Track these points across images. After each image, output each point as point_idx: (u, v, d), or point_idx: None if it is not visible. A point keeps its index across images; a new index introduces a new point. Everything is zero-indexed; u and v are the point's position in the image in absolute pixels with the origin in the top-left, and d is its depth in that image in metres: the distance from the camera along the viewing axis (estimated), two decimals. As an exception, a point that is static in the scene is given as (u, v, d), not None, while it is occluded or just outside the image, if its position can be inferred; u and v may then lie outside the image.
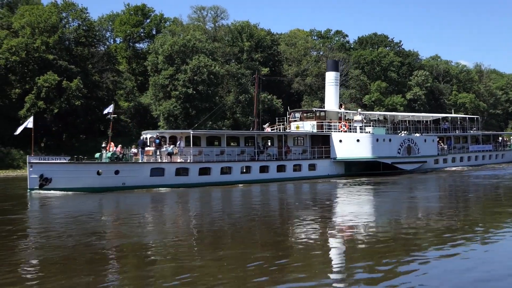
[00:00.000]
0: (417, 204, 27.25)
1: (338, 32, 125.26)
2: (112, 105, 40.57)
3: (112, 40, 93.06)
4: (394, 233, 17.84)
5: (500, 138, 70.39)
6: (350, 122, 48.48)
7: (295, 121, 51.28)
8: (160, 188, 36.53)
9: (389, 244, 15.68)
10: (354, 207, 26.75)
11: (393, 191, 33.86)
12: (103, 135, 65.18)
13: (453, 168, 55.03)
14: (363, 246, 15.85)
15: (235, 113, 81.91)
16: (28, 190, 33.35)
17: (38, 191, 33.14)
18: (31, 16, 67.30)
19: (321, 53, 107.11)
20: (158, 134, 40.41)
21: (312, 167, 45.59)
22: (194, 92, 72.38)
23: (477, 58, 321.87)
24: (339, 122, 48.42)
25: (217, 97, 75.85)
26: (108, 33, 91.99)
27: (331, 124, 48.37)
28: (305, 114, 51.70)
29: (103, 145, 38.62)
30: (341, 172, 47.18)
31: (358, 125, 47.39)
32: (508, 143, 71.31)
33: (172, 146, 39.54)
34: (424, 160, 51.94)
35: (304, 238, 17.43)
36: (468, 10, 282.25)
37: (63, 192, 33.45)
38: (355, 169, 48.01)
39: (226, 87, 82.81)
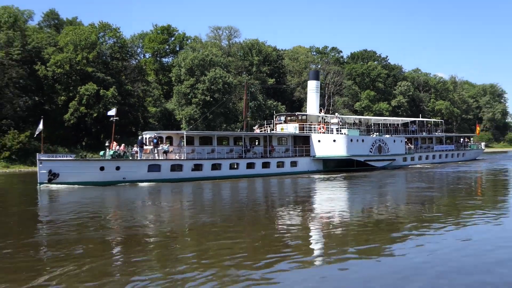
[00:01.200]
0: (385, 196, 26.66)
1: (333, 49, 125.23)
2: (114, 109, 39.58)
3: (142, 55, 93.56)
4: (365, 219, 17.70)
5: (461, 139, 69.01)
6: (328, 125, 47.70)
7: (280, 123, 49.98)
8: (157, 182, 35.04)
9: (361, 229, 15.55)
10: (330, 198, 26.25)
11: (365, 185, 32.66)
12: (134, 135, 65.65)
13: (419, 165, 54.07)
14: (338, 230, 15.68)
15: (246, 117, 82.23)
16: (38, 184, 32.17)
17: (46, 185, 31.96)
18: (74, 35, 67.70)
19: (319, 66, 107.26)
20: (155, 134, 39.19)
21: (293, 164, 44.33)
22: (211, 99, 72.81)
23: (452, 71, 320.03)
24: (319, 125, 47.60)
25: (230, 104, 76.15)
26: (138, 49, 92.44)
27: (311, 126, 47.35)
28: (288, 118, 50.45)
29: (107, 144, 37.33)
30: (319, 168, 46.02)
31: (334, 127, 46.50)
32: (469, 143, 70.22)
33: (167, 145, 38.50)
34: (393, 158, 50.83)
35: (288, 223, 17.18)
36: (446, 29, 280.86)
37: (69, 185, 32.27)
38: (331, 166, 46.73)
39: (238, 95, 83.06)
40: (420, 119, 65.33)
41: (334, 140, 45.20)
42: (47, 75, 65.55)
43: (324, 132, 46.24)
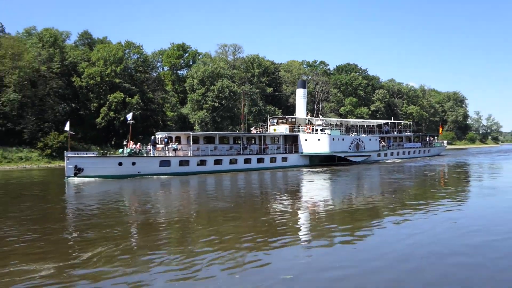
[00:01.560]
0: (363, 185, 26.56)
1: (322, 62, 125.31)
2: (131, 114, 39.53)
3: (161, 68, 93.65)
4: (345, 206, 17.54)
5: (427, 138, 68.68)
6: (313, 126, 47.33)
7: (273, 125, 49.35)
8: (168, 175, 34.60)
9: (342, 214, 15.48)
10: (317, 187, 26.09)
11: (345, 177, 32.29)
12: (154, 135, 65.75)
13: (391, 160, 53.49)
14: (323, 215, 15.51)
15: (248, 120, 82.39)
16: (66, 177, 31.76)
17: (72, 178, 31.52)
18: (104, 52, 67.92)
19: (310, 77, 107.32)
20: (166, 134, 38.82)
21: (284, 159, 43.62)
22: (219, 105, 72.97)
23: (422, 81, 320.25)
24: (305, 126, 47.38)
25: (235, 109, 76.25)
26: (158, 63, 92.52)
27: (299, 127, 47.07)
28: (280, 120, 49.69)
29: (124, 143, 36.94)
30: (306, 163, 45.46)
31: (318, 128, 46.18)
32: (434, 141, 69.80)
33: (176, 143, 37.98)
34: (369, 154, 50.31)
35: (282, 209, 16.97)
36: (417, 45, 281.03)
37: (92, 178, 31.83)
38: (317, 161, 46.11)
39: (242, 101, 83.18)
40: (392, 121, 64.74)
41: (319, 139, 44.84)
42: (81, 85, 65.75)
43: (310, 132, 45.87)
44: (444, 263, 9.27)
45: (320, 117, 54.67)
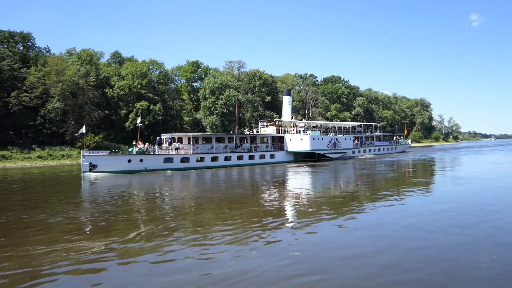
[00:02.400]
0: (339, 179, 24.83)
1: (311, 75, 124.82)
2: (140, 118, 38.51)
3: (179, 81, 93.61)
4: (325, 197, 16.47)
5: (394, 137, 67.25)
6: (296, 128, 46.24)
7: (263, 127, 48.13)
8: (170, 171, 33.24)
9: (323, 204, 14.29)
10: (299, 180, 24.71)
11: (324, 171, 30.78)
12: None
13: (364, 156, 52.43)
14: (305, 205, 14.53)
15: (251, 123, 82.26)
16: (82, 173, 30.72)
17: (88, 173, 30.52)
18: (132, 68, 67.77)
19: (301, 87, 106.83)
20: (170, 136, 37.57)
21: (272, 156, 42.41)
22: (227, 111, 72.80)
23: (394, 89, 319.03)
24: (290, 128, 46.31)
25: (240, 114, 76.06)
26: (176, 77, 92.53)
27: (285, 128, 46.13)
28: (269, 123, 48.47)
29: (133, 143, 35.68)
30: (291, 159, 44.30)
31: (301, 129, 45.32)
32: (400, 140, 68.36)
33: (178, 143, 36.68)
34: (344, 152, 48.97)
35: (273, 198, 16.40)
36: (390, 59, 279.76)
37: (105, 174, 30.66)
38: (300, 157, 44.97)
39: (246, 108, 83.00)
40: (364, 123, 63.56)
41: (301, 139, 43.79)
42: (113, 95, 65.68)
43: (294, 133, 44.83)
44: (436, 237, 9.18)
45: (303, 120, 53.48)
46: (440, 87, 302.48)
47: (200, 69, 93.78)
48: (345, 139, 49.88)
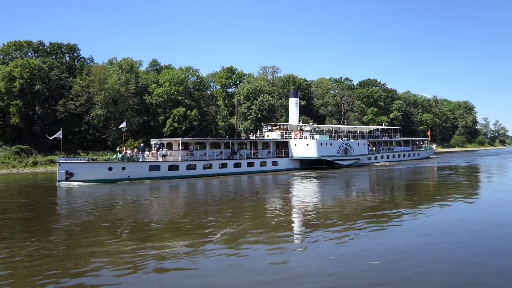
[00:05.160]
0: (350, 188, 22.28)
1: (347, 78, 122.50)
2: (125, 122, 34.91)
3: (214, 87, 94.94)
4: (333, 207, 15.01)
5: (417, 142, 61.36)
6: (302, 132, 41.97)
7: (267, 131, 44.21)
8: (158, 179, 30.04)
9: (330, 215, 13.25)
10: (305, 187, 22.98)
11: (333, 180, 27.88)
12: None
13: (381, 163, 47.29)
14: (312, 215, 13.38)
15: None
16: (58, 182, 27.93)
17: (64, 182, 27.62)
18: (169, 75, 69.20)
19: (336, 91, 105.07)
20: (158, 141, 34.54)
21: (274, 163, 38.65)
22: (261, 116, 72.80)
23: (434, 91, 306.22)
24: (295, 132, 42.22)
25: (274, 119, 75.78)
26: (211, 83, 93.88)
27: (290, 133, 42.16)
28: (273, 127, 44.25)
29: (118, 149, 33.16)
30: (297, 167, 40.35)
31: (307, 133, 41.24)
32: (423, 145, 62.91)
33: (165, 149, 33.04)
34: (357, 158, 44.27)
35: (276, 206, 15.19)
36: (429, 61, 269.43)
37: (82, 183, 27.61)
38: (306, 164, 40.91)
39: (280, 112, 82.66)
40: (382, 126, 59.05)
41: (307, 144, 39.89)
42: (152, 102, 67.48)
43: (299, 138, 41.16)
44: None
45: (310, 123, 50.02)
46: (485, 89, 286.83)
47: (234, 75, 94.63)
48: (358, 144, 45.37)
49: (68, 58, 70.93)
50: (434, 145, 71.40)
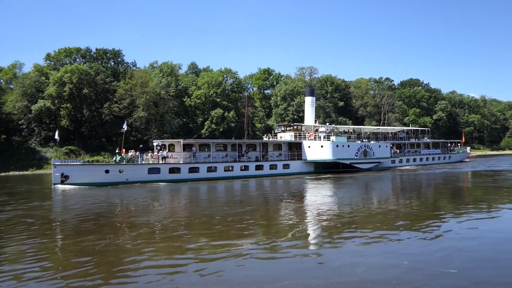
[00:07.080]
0: (368, 194, 20.66)
1: (387, 79, 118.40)
2: (125, 123, 33.77)
3: (251, 88, 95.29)
4: (350, 214, 13.83)
5: (448, 144, 56.60)
6: (317, 133, 39.24)
7: (280, 132, 41.91)
8: (157, 183, 28.80)
9: (345, 222, 12.37)
10: (319, 192, 21.77)
11: (349, 184, 26.00)
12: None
13: (407, 167, 43.60)
14: (327, 223, 12.46)
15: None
16: (53, 184, 26.95)
17: (59, 185, 26.70)
18: (208, 78, 70.24)
19: (376, 92, 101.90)
20: (160, 142, 33.09)
21: (286, 166, 36.17)
22: (298, 117, 72.02)
23: (483, 91, 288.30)
24: (309, 133, 39.44)
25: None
26: (249, 84, 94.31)
27: (304, 134, 39.47)
28: (287, 128, 41.82)
29: (117, 151, 32.18)
30: (311, 170, 37.80)
31: (322, 135, 38.46)
32: (455, 148, 57.78)
33: (166, 151, 31.66)
34: (378, 161, 41.18)
35: (286, 216, 13.98)
36: (475, 59, 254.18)
37: (78, 186, 26.82)
38: (320, 168, 38.29)
39: (317, 114, 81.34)
40: (409, 128, 55.11)
41: (322, 146, 37.37)
42: (191, 104, 68.75)
43: (313, 139, 38.43)
44: None
45: (327, 123, 47.21)
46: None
47: (271, 77, 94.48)
48: (379, 146, 42.09)
49: (112, 63, 74.05)
50: (468, 148, 65.97)
